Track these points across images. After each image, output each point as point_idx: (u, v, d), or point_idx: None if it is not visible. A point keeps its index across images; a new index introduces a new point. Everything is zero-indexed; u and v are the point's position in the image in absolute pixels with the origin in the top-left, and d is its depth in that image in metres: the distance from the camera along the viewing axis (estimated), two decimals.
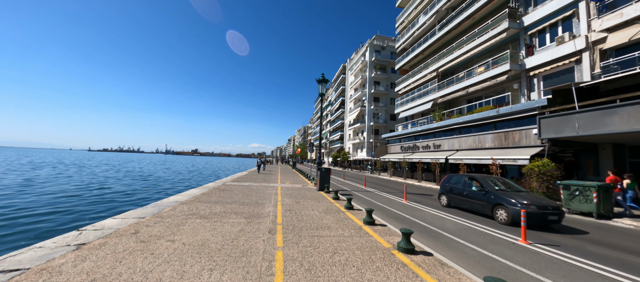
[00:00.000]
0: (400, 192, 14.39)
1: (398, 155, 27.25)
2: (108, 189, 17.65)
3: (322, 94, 15.21)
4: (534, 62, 15.89)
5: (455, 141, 19.47)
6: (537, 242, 5.74)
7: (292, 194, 10.84)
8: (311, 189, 13.04)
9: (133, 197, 15.66)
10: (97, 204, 13.08)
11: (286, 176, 21.94)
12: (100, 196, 15.07)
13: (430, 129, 22.50)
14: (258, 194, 10.31)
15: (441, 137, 21.46)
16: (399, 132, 28.83)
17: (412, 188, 17.06)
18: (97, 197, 14.58)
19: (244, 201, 8.68)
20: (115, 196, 15.38)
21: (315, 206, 8.46)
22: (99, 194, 15.52)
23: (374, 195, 13.08)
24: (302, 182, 16.91)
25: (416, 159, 22.31)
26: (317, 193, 11.73)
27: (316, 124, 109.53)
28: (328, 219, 6.58)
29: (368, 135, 47.82)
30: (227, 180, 15.77)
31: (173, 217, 5.93)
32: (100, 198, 14.47)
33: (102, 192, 16.39)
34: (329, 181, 12.86)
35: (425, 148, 23.29)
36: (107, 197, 15.03)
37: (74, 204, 12.46)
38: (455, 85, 21.44)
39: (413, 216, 8.13)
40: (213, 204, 7.82)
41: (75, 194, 15.15)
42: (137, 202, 14.47)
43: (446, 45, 24.30)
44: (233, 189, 11.59)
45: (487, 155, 15.27)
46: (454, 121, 19.61)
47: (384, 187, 16.79)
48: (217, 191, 10.73)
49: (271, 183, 15.10)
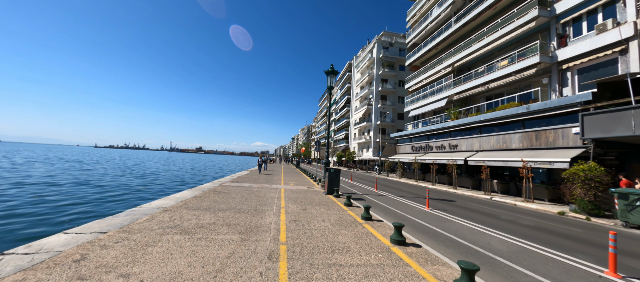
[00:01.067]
0: (417, 197, 12.90)
1: (408, 155, 25.68)
2: (98, 188, 16.45)
3: (330, 87, 13.81)
4: (567, 53, 14.23)
5: (475, 140, 17.86)
6: (630, 275, 4.24)
7: (298, 199, 9.45)
8: (318, 192, 11.64)
9: (117, 199, 14.06)
10: (75, 205, 11.63)
11: (290, 176, 20.58)
12: (81, 197, 13.33)
13: (446, 127, 20.90)
14: (258, 198, 8.94)
15: (458, 136, 19.85)
16: (410, 132, 27.25)
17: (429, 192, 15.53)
18: (77, 199, 12.95)
19: (241, 207, 7.31)
20: (100, 197, 13.95)
21: (326, 214, 7.05)
22: (81, 196, 13.76)
23: (389, 200, 11.62)
24: (307, 183, 15.52)
25: (430, 159, 20.74)
26: (326, 197, 10.32)
27: (320, 123, 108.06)
28: (345, 236, 5.17)
29: (374, 134, 46.25)
30: (225, 180, 14.45)
31: (145, 231, 4.58)
32: (79, 199, 12.82)
33: (85, 192, 15.00)
34: (339, 183, 11.45)
35: (439, 148, 21.70)
36: (90, 197, 13.63)
37: (49, 206, 11.07)
38: (474, 80, 19.81)
39: (445, 230, 6.67)
40: (202, 211, 6.46)
41: (50, 194, 13.56)
42: (126, 202, 13.19)
43: (463, 38, 22.65)
44: (230, 191, 10.24)
45: (514, 156, 13.67)
46: (473, 119, 17.99)
47: (398, 191, 15.30)
48: (212, 193, 9.39)
49: (274, 184, 13.74)
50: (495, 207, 11.07)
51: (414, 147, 25.69)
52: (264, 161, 23.12)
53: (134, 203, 12.60)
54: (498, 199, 13.25)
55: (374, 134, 46.31)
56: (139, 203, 12.02)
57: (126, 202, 13.28)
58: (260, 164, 21.69)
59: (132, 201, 13.54)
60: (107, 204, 12.46)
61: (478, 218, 8.43)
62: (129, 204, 12.92)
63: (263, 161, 22.59)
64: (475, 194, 15.02)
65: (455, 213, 9.06)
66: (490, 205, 11.57)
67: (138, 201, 13.61)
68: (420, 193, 14.75)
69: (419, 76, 28.72)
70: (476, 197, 13.98)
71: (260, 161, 21.88)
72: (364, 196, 12.75)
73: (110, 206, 12.24)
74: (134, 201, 13.72)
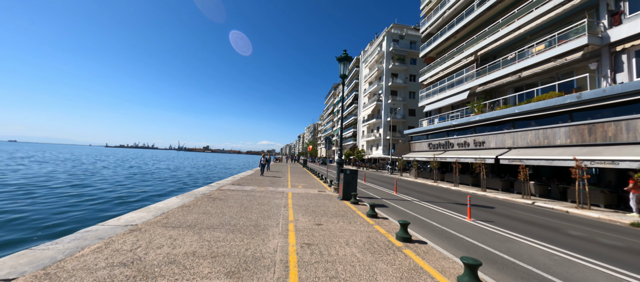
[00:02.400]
0: (447, 203, 11.03)
1: (425, 154, 23.68)
2: (86, 192, 15.02)
3: (343, 76, 12.02)
4: (622, 33, 12.07)
5: (507, 136, 15.80)
6: None
7: (309, 207, 7.74)
8: (331, 198, 9.91)
9: (89, 207, 11.59)
10: (26, 220, 8.90)
11: (298, 177, 18.91)
12: (51, 205, 11.27)
13: (470, 123, 18.82)
14: (261, 207, 7.28)
15: (485, 132, 17.77)
16: (426, 128, 25.20)
17: (455, 196, 13.62)
18: (48, 208, 10.74)
19: (237, 222, 5.64)
20: (78, 205, 11.85)
21: (349, 232, 5.31)
22: (57, 203, 11.83)
23: (416, 207, 9.80)
24: (317, 185, 13.81)
25: (451, 158, 18.75)
26: (342, 205, 8.58)
27: (327, 121, 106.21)
28: (385, 275, 3.42)
29: (384, 131, 44.22)
30: (225, 182, 12.87)
31: (77, 276, 2.93)
32: (50, 208, 10.75)
33: (66, 198, 13.29)
34: (356, 187, 9.69)
35: (462, 146, 19.67)
36: (66, 204, 11.64)
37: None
38: (502, 70, 17.69)
39: (516, 256, 4.84)
40: (184, 231, 4.81)
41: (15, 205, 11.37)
42: (95, 212, 11.14)
43: (487, 23, 20.48)
44: (228, 197, 8.61)
45: (562, 154, 11.63)
46: (505, 112, 15.88)
47: (421, 194, 13.44)
48: (206, 200, 7.77)
49: (280, 187, 12.08)
50: (547, 215, 9.13)
51: (431, 144, 23.66)
52: (267, 160, 19.88)
53: (102, 216, 10.12)
54: (542, 204, 11.26)
55: (384, 131, 44.27)
56: (113, 214, 10.06)
57: (95, 213, 10.73)
58: (263, 164, 18.06)
59: (104, 212, 11.01)
60: (71, 213, 10.26)
61: (541, 234, 6.56)
62: (96, 216, 10.22)
63: (266, 160, 19.15)
64: (510, 197, 13.04)
65: (507, 226, 7.20)
66: (538, 212, 9.63)
67: (115, 210, 11.41)
68: (447, 197, 12.86)
69: (435, 68, 26.61)
70: (514, 202, 12.01)
71: (263, 161, 18.20)
72: (384, 200, 10.96)
73: (71, 216, 9.88)
74: (107, 211, 11.30)
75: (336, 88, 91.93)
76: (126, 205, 12.41)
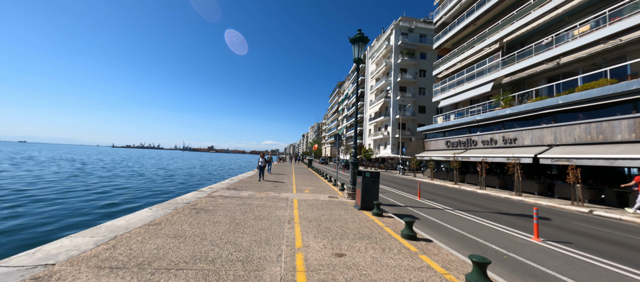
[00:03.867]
0: (488, 212, 9.03)
1: (442, 153, 21.60)
2: (63, 198, 13.15)
3: (358, 60, 10.11)
4: None
5: (546, 132, 13.67)
6: None
7: (321, 222, 5.86)
8: (346, 205, 8.02)
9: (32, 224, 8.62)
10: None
11: (303, 178, 17.05)
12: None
13: (498, 117, 16.67)
14: (257, 224, 5.42)
15: (517, 127, 15.61)
16: (443, 124, 23.10)
17: (488, 201, 11.61)
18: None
19: (219, 254, 3.79)
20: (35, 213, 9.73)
21: (389, 272, 3.42)
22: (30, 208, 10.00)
23: (454, 219, 7.85)
24: (326, 189, 11.91)
25: (475, 157, 16.68)
26: (362, 216, 6.68)
27: (331, 120, 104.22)
28: None
29: (393, 130, 42.14)
30: (220, 186, 11.06)
31: None
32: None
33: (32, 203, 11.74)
34: (378, 194, 7.78)
35: (488, 143, 17.56)
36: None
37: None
38: (534, 57, 15.56)
39: None
40: (126, 277, 2.98)
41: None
42: (54, 223, 8.87)
43: (515, 6, 18.32)
44: (218, 207, 6.79)
45: (625, 152, 9.53)
46: (545, 104, 13.69)
47: (450, 200, 11.45)
48: (187, 213, 5.96)
49: (283, 192, 10.23)
50: (621, 230, 7.10)
51: (449, 142, 21.57)
52: (267, 161, 16.84)
53: (30, 240, 7.06)
54: (602, 213, 9.19)
55: (393, 129, 42.18)
56: (52, 236, 7.35)
57: (34, 234, 7.58)
58: (261, 166, 14.38)
59: (48, 226, 8.29)
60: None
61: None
62: (27, 239, 7.19)
63: (266, 161, 15.57)
64: (554, 203, 10.96)
65: (594, 250, 5.22)
66: (606, 225, 7.59)
67: (66, 226, 8.38)
68: (481, 203, 10.85)
69: (451, 60, 24.46)
70: (566, 210, 9.95)
71: (262, 162, 14.53)
72: (408, 209, 9.04)
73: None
74: (58, 225, 8.49)
75: (341, 86, 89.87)
76: (86, 216, 9.95)
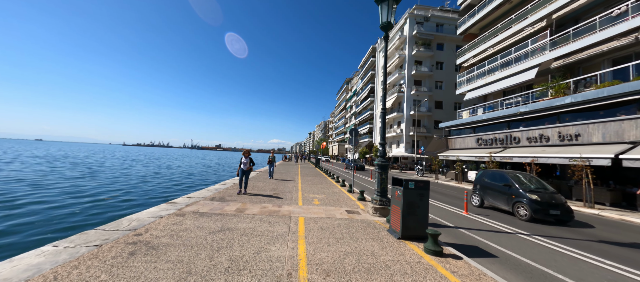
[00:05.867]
0: (583, 239, 6.16)
1: (473, 151, 18.59)
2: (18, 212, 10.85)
3: (387, 26, 7.37)
4: None
5: (628, 125, 10.53)
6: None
7: (347, 272, 3.16)
8: (375, 228, 5.30)
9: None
10: None
11: (311, 182, 14.41)
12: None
13: (553, 108, 13.45)
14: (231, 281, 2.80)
15: (581, 120, 12.47)
16: (472, 119, 20.01)
17: None
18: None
19: None
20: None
21: None
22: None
23: (545, 256, 5.04)
24: (340, 197, 9.20)
25: (521, 157, 13.65)
26: (412, 256, 3.95)
27: (338, 118, 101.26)
28: None
29: (407, 127, 39.05)
30: (204, 194, 8.51)
31: None
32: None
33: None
34: (427, 213, 5.06)
35: (536, 140, 14.49)
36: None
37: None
38: (599, 32, 12.42)
39: None
40: None
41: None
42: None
43: None
44: (174, 242, 4.19)
45: None
46: (631, 88, 10.48)
47: (510, 217, 8.59)
48: (116, 254, 3.38)
49: (285, 205, 7.60)
50: None
51: (481, 140, 18.52)
52: (270, 161, 14.27)
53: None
54: None
55: (407, 126, 39.09)
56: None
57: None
58: (244, 171, 9.12)
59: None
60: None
61: None
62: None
63: (269, 162, 14.07)
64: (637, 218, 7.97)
65: None
66: None
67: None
68: None
69: (481, 45, 21.31)
70: None
71: (245, 165, 9.16)
72: (461, 230, 6.27)
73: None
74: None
75: (348, 83, 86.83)
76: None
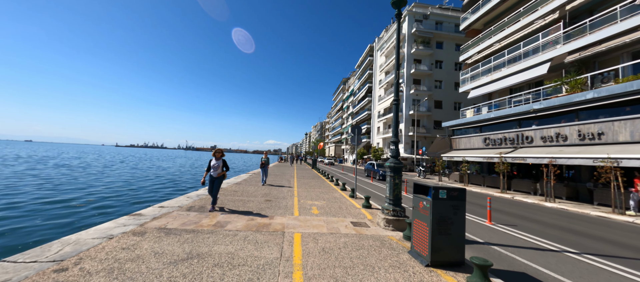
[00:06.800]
0: None
1: (480, 152, 17.54)
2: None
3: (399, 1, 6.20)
4: None
5: None
6: None
7: None
8: (392, 249, 4.03)
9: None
10: None
11: (308, 185, 13.13)
12: None
13: (572, 104, 12.39)
14: None
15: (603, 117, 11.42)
16: (479, 117, 18.98)
17: (581, 223, 7.58)
18: None
19: None
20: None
21: None
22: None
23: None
24: (342, 203, 7.93)
25: (536, 158, 12.59)
26: None
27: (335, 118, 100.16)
28: None
29: (406, 127, 38.06)
30: (180, 203, 7.17)
31: None
32: None
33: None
34: (464, 233, 3.84)
35: (551, 140, 13.46)
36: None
37: None
38: (620, 23, 11.46)
39: None
40: None
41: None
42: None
43: None
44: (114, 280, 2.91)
45: None
46: None
47: (539, 225, 7.45)
48: None
49: (278, 215, 6.32)
50: None
51: (489, 139, 17.49)
52: (264, 163, 11.89)
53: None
54: None
55: (406, 126, 38.10)
56: None
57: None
58: (214, 177, 6.40)
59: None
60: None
61: None
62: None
63: (263, 164, 11.87)
64: None
65: None
66: None
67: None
68: (596, 232, 6.83)
69: (486, 40, 20.35)
70: None
71: (215, 170, 6.41)
72: (493, 248, 5.07)
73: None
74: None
75: (345, 83, 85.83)
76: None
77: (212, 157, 6.62)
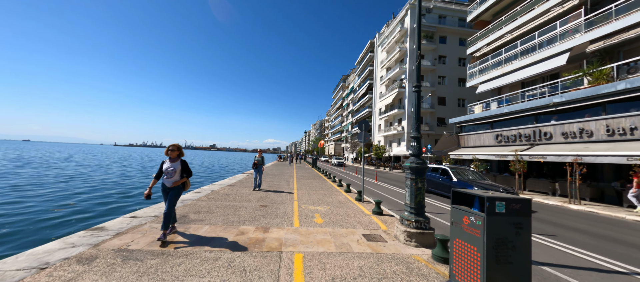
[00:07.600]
0: None
1: (492, 149, 16.50)
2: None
3: None
4: None
5: None
6: None
7: None
8: (424, 279, 2.99)
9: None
10: None
11: (308, 186, 12.06)
12: None
13: (600, 96, 11.26)
14: None
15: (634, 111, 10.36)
16: (490, 113, 17.89)
17: (625, 232, 6.54)
18: None
19: None
20: None
21: None
22: None
23: None
24: (349, 208, 6.85)
25: (558, 156, 11.55)
26: None
27: (335, 116, 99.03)
28: None
29: (408, 124, 37.02)
30: (154, 214, 6.09)
31: None
32: None
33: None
34: (530, 263, 2.78)
35: (574, 135, 12.38)
36: None
37: None
38: None
39: None
40: None
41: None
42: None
43: None
44: None
45: None
46: None
47: (585, 236, 6.41)
48: None
49: (274, 227, 5.24)
50: None
51: (502, 136, 16.44)
52: (257, 164, 10.12)
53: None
54: None
55: (408, 123, 37.06)
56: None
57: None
58: (166, 193, 4.20)
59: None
60: None
61: None
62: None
63: (256, 165, 10.13)
64: None
65: None
66: None
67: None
68: (637, 241, 5.80)
69: (496, 31, 19.25)
70: None
71: (169, 176, 4.17)
72: (544, 268, 3.99)
73: None
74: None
75: (345, 80, 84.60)
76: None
77: (168, 159, 4.31)
